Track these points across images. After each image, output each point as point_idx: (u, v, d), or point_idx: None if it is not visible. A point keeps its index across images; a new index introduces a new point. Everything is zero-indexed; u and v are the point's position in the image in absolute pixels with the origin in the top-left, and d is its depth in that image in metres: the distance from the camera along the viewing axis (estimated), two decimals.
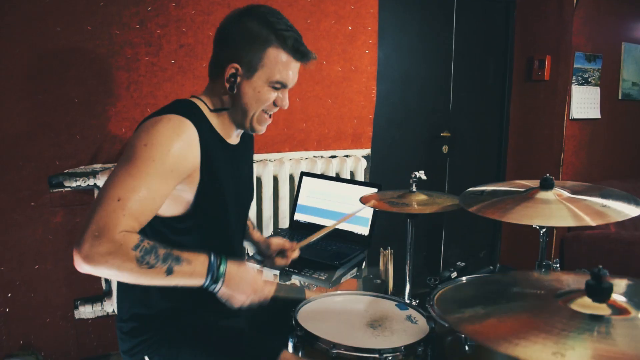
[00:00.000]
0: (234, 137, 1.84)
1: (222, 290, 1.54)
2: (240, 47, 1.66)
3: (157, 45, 2.93)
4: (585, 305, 1.09)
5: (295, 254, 2.18)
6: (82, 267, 1.39)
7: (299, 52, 1.71)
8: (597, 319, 1.04)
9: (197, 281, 1.50)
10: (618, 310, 1.07)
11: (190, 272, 1.48)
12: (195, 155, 1.61)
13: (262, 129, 1.81)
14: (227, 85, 1.69)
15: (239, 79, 1.68)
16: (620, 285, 1.18)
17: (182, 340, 1.71)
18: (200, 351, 1.69)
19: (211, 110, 1.74)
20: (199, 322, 1.72)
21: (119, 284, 1.70)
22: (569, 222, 1.62)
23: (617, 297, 1.11)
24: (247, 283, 1.57)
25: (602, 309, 1.07)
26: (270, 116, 1.80)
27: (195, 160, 1.61)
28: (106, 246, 1.37)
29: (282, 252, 2.18)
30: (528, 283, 1.31)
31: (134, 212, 1.45)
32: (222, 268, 1.53)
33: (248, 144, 1.99)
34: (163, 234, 1.64)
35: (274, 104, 1.76)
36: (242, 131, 1.86)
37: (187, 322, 1.71)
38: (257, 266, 2.21)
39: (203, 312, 1.48)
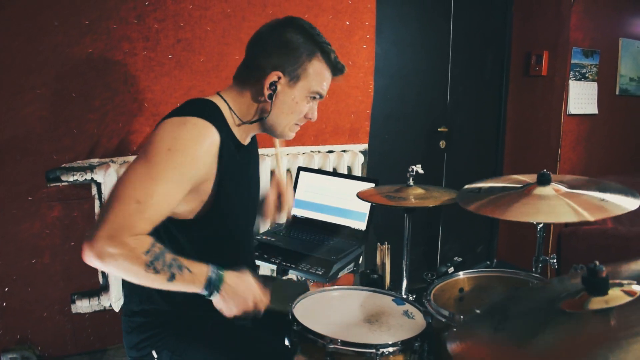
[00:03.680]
0: (248, 138, 1.86)
1: (216, 300, 1.56)
2: (284, 56, 1.70)
3: (155, 40, 2.92)
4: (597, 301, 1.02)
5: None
6: (92, 261, 1.42)
7: (337, 67, 1.81)
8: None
9: (195, 289, 1.52)
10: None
11: (190, 280, 1.50)
12: (213, 164, 1.62)
13: (292, 135, 1.85)
14: (267, 93, 1.70)
15: (279, 87, 1.71)
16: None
17: (190, 335, 1.72)
18: (208, 346, 1.71)
19: (242, 122, 1.76)
20: (208, 317, 1.72)
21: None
22: (569, 218, 1.60)
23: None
24: (242, 298, 1.58)
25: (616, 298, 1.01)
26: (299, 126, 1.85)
27: (211, 169, 1.63)
28: (119, 248, 1.40)
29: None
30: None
31: (151, 215, 1.48)
32: (220, 280, 1.54)
33: (254, 141, 1.99)
34: (173, 234, 1.67)
35: (305, 115, 1.80)
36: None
37: (195, 317, 1.72)
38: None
39: (212, 309, 1.50)
